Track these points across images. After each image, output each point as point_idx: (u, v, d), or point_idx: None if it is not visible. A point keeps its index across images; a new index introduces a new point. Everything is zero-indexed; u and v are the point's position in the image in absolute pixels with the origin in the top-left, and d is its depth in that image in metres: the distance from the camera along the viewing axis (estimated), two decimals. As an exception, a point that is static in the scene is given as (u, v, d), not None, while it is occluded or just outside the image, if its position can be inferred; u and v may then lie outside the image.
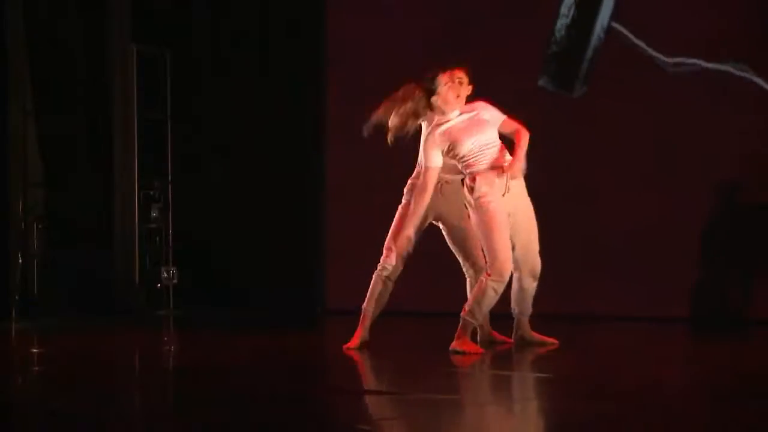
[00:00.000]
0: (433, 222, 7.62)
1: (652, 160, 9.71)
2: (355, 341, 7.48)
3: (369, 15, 10.92)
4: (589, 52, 9.64)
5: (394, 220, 7.63)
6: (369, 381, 6.51)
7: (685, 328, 9.23)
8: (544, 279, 7.62)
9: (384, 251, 7.59)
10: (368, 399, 5.62)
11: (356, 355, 7.27)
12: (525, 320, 7.58)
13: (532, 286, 7.46)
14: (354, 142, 10.91)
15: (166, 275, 11.20)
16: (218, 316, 10.58)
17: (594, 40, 9.64)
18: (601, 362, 7.07)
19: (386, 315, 7.75)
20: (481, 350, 7.18)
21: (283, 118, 11.26)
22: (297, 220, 11.16)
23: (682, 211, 9.58)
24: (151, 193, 11.34)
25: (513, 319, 7.61)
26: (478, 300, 7.12)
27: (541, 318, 7.74)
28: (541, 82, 9.81)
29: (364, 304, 7.57)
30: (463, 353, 7.04)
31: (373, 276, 7.60)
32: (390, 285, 7.55)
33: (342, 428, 4.80)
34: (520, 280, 7.41)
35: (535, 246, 7.41)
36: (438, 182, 7.40)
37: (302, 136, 11.20)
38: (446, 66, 7.49)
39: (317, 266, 11.03)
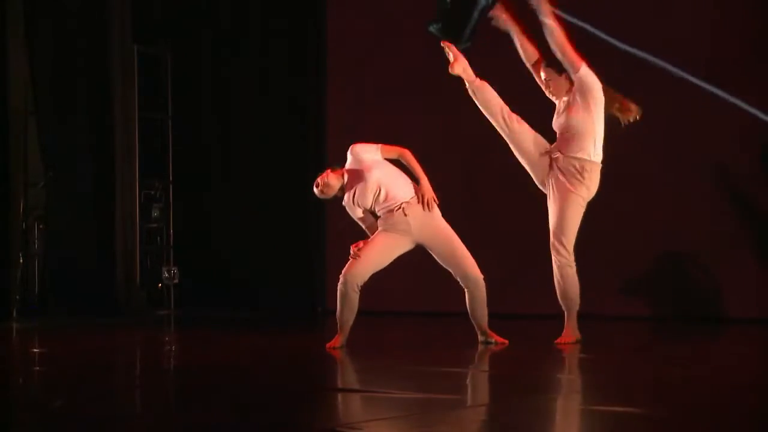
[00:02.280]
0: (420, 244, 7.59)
1: (660, 164, 9.73)
2: (337, 342, 7.51)
3: (369, 15, 10.93)
4: (477, 11, 9.61)
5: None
6: (369, 381, 6.52)
7: (691, 327, 9.25)
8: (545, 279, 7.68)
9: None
10: (368, 398, 5.62)
11: (356, 355, 7.28)
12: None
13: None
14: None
15: (166, 275, 11.21)
16: (219, 316, 10.58)
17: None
18: (611, 361, 7.08)
19: (385, 315, 7.76)
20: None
21: (284, 118, 11.26)
22: (297, 220, 11.16)
23: (688, 213, 9.61)
24: (152, 192, 11.35)
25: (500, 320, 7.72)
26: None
27: (555, 318, 7.77)
28: (430, 29, 9.81)
29: (338, 315, 7.51)
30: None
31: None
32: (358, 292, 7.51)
33: (341, 427, 4.80)
34: None
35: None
36: (399, 206, 7.44)
37: (302, 136, 11.20)
38: None
39: (317, 266, 11.03)
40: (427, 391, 5.74)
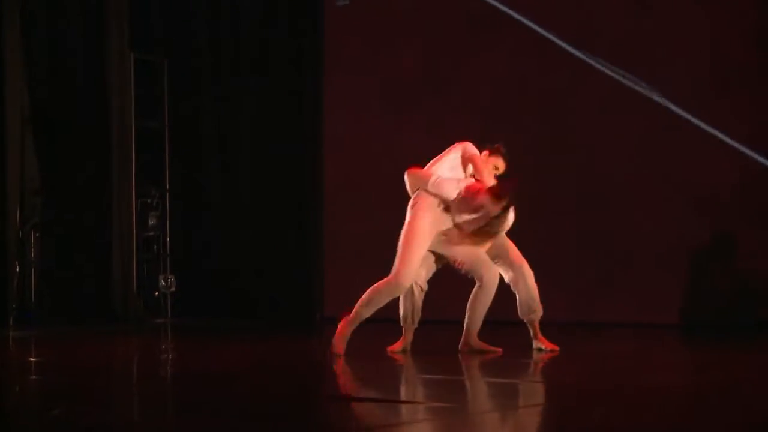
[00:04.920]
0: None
1: (654, 173, 9.78)
2: (399, 346, 7.59)
3: (367, 21, 10.93)
4: None
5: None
6: (369, 388, 6.50)
7: (688, 335, 9.26)
8: (551, 288, 7.68)
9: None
10: (368, 406, 5.60)
11: (356, 362, 7.26)
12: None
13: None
14: (351, 152, 10.98)
15: (163, 283, 11.19)
16: (217, 324, 10.56)
17: None
18: (603, 369, 7.06)
19: (387, 322, 7.75)
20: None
21: (281, 127, 11.26)
22: (295, 228, 11.15)
23: (681, 222, 9.64)
24: (149, 201, 11.34)
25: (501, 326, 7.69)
26: None
27: (547, 326, 7.75)
28: None
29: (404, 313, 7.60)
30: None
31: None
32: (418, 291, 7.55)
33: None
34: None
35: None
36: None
37: (300, 144, 11.20)
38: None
39: (316, 274, 11.02)
40: (426, 399, 5.72)
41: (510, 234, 7.66)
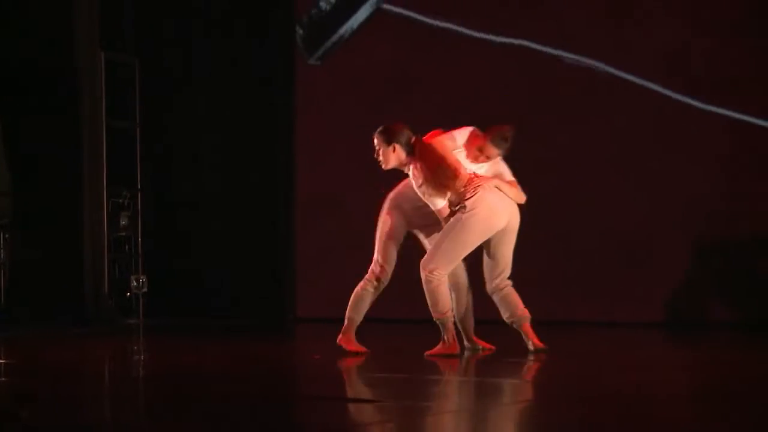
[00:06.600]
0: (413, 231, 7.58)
1: (632, 169, 9.81)
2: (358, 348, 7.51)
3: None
4: (337, 36, 10.09)
5: (379, 233, 7.56)
6: (342, 388, 6.49)
7: (666, 332, 9.30)
8: (529, 286, 7.68)
9: (376, 264, 7.51)
10: (341, 406, 5.59)
11: (329, 362, 7.25)
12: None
13: None
14: (323, 152, 10.95)
15: (135, 284, 11.12)
16: (189, 325, 10.52)
17: (348, 26, 10.06)
18: (584, 367, 7.08)
19: (369, 321, 7.74)
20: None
21: (253, 128, 11.22)
22: (268, 229, 11.13)
23: (660, 218, 9.69)
24: (120, 201, 11.27)
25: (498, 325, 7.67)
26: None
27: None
28: (297, 30, 10.44)
29: (351, 313, 7.51)
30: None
31: (362, 287, 7.49)
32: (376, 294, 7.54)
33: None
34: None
35: None
36: None
37: (272, 146, 11.17)
38: None
39: (288, 275, 11.00)
40: (406, 399, 5.72)
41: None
